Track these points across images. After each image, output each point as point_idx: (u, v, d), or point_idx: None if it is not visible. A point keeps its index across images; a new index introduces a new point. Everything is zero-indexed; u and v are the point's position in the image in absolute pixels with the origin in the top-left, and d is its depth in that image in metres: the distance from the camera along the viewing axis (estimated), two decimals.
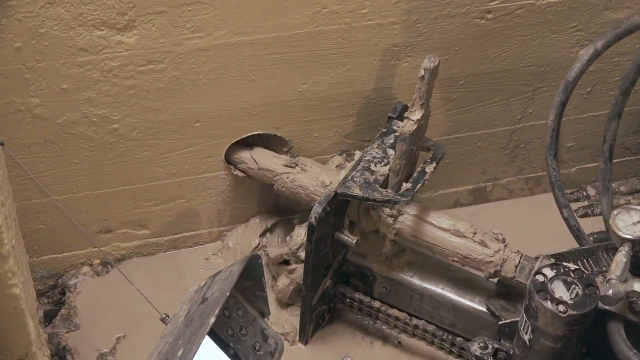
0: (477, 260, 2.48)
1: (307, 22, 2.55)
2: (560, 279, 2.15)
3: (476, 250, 2.48)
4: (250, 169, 2.75)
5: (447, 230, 2.51)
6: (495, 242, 2.49)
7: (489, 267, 2.46)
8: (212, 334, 2.05)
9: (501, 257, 2.45)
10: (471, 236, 2.49)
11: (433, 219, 2.53)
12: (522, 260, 2.45)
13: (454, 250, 2.50)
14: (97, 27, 2.37)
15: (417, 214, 2.53)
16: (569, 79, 2.55)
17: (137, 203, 2.80)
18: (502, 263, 2.45)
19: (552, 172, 2.61)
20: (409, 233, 2.54)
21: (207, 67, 2.55)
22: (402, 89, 2.78)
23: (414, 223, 2.53)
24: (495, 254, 2.46)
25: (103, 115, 2.55)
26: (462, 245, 2.49)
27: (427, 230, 2.52)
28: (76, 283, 2.85)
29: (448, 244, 2.51)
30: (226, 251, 2.96)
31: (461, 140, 3.02)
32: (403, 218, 2.54)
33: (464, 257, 2.49)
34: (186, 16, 2.43)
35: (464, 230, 2.50)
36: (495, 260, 2.45)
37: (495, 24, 2.74)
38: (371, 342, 2.77)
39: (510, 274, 2.44)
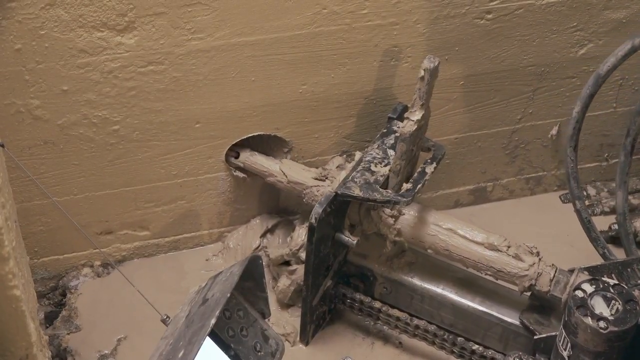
0: (511, 274, 2.44)
1: (307, 23, 2.55)
2: (600, 294, 2.14)
3: (510, 263, 2.44)
4: (279, 182, 2.72)
5: (481, 244, 2.47)
6: (530, 256, 2.45)
7: (524, 281, 2.43)
8: (212, 335, 2.05)
9: (536, 271, 2.42)
10: (505, 249, 2.45)
11: (467, 233, 2.48)
12: (557, 273, 2.41)
13: (488, 264, 2.46)
14: (97, 28, 2.37)
15: (450, 227, 2.50)
16: (600, 73, 2.54)
17: (138, 204, 2.80)
18: (537, 277, 2.41)
19: (569, 163, 2.59)
20: (443, 247, 2.50)
21: (207, 68, 2.55)
22: (402, 89, 2.78)
23: (445, 236, 2.50)
24: (530, 268, 2.42)
25: (103, 117, 2.55)
26: (496, 258, 2.45)
27: (460, 243, 2.48)
28: (77, 284, 2.85)
29: (482, 258, 2.47)
30: (227, 252, 2.96)
31: (461, 140, 3.02)
32: (405, 220, 2.54)
33: (498, 271, 2.46)
34: (186, 17, 2.43)
35: (498, 244, 2.46)
36: (530, 274, 2.42)
37: (495, 24, 2.74)
38: (372, 343, 2.77)
39: (545, 287, 2.41)
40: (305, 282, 2.56)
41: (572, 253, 3.00)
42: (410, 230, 2.54)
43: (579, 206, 2.62)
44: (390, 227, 2.55)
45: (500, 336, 2.60)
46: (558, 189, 3.31)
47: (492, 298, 2.61)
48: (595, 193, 3.29)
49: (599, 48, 2.92)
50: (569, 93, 3.01)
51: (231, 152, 2.77)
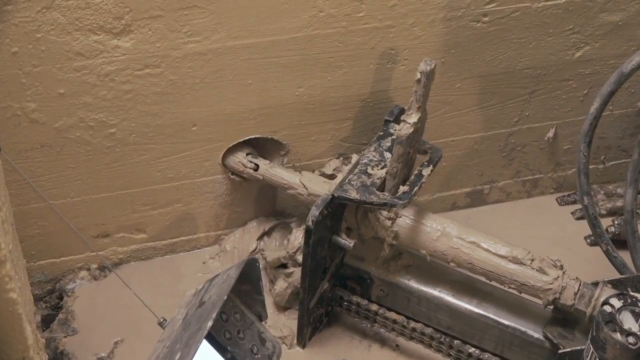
0: (535, 287, 2.41)
1: (303, 26, 2.56)
2: (628, 309, 2.11)
3: (534, 277, 2.41)
4: (299, 194, 2.69)
5: (504, 257, 2.44)
6: (554, 269, 2.43)
7: (548, 295, 2.40)
8: (209, 338, 2.06)
9: (560, 285, 2.39)
10: (529, 263, 2.42)
11: (490, 246, 2.46)
12: (582, 287, 2.40)
13: (512, 277, 2.44)
14: (94, 31, 2.37)
15: (473, 240, 2.47)
16: (624, 71, 2.52)
17: (135, 207, 2.80)
18: (561, 290, 2.39)
19: (582, 159, 2.57)
20: (466, 260, 2.48)
21: (203, 71, 2.55)
22: (399, 92, 2.78)
23: (468, 249, 2.47)
24: (554, 281, 2.40)
25: (100, 120, 2.55)
26: (520, 272, 2.43)
27: (484, 256, 2.46)
28: (74, 287, 2.85)
29: (505, 271, 2.44)
30: (224, 255, 2.96)
31: (458, 143, 3.02)
32: (403, 222, 2.54)
33: (522, 285, 2.43)
34: (182, 20, 2.43)
35: (522, 257, 2.43)
36: (554, 288, 2.40)
37: (491, 27, 2.75)
38: (369, 345, 2.77)
39: (570, 301, 2.39)
40: (302, 284, 2.56)
41: (569, 256, 2.99)
42: (430, 244, 2.52)
43: (586, 202, 2.61)
44: (388, 229, 2.55)
45: (497, 339, 2.60)
46: (555, 191, 3.32)
47: (488, 300, 2.61)
48: (592, 195, 3.29)
49: (596, 51, 2.92)
50: (566, 96, 3.01)
51: (250, 163, 2.75)
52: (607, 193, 3.30)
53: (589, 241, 3.15)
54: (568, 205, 3.29)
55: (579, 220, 3.23)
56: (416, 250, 2.58)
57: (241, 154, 2.77)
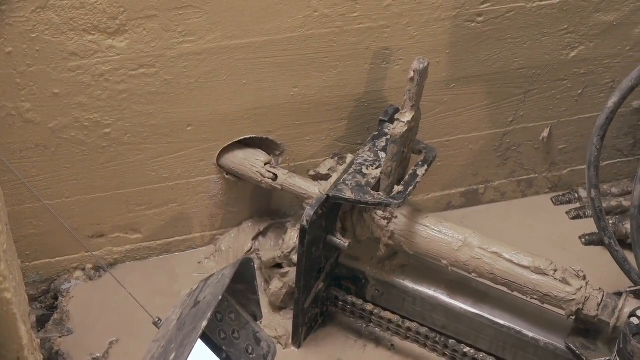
0: (558, 298, 2.41)
1: (298, 26, 2.56)
2: None
3: (557, 288, 2.40)
4: None
5: (527, 268, 2.43)
6: (577, 280, 2.41)
7: (571, 306, 2.39)
8: (204, 338, 2.05)
9: (583, 295, 2.38)
10: (552, 273, 2.41)
11: (512, 256, 2.44)
12: (605, 297, 2.39)
13: (534, 288, 2.42)
14: (88, 31, 2.37)
15: (496, 251, 2.46)
16: None
17: (130, 207, 2.80)
18: (585, 301, 2.38)
19: (594, 152, 2.55)
20: (487, 271, 2.46)
21: (198, 71, 2.55)
22: (394, 92, 2.79)
23: (490, 260, 2.46)
24: (577, 292, 2.39)
25: (95, 120, 2.55)
26: (543, 283, 2.41)
27: (506, 267, 2.44)
28: (69, 288, 2.85)
29: (528, 282, 2.43)
30: (219, 255, 2.96)
31: (453, 143, 3.02)
32: (398, 222, 2.54)
33: (545, 296, 2.42)
34: (177, 20, 2.43)
35: (545, 267, 2.42)
36: (577, 299, 2.39)
37: (486, 27, 2.75)
38: (364, 345, 2.77)
39: (593, 312, 2.38)
40: (297, 284, 2.56)
41: (564, 255, 3.01)
42: (451, 255, 2.51)
43: (593, 195, 2.59)
44: (384, 229, 2.55)
45: (492, 338, 2.61)
46: (550, 191, 3.32)
47: (483, 300, 2.62)
48: (587, 195, 3.29)
49: (590, 50, 2.92)
50: (560, 95, 3.02)
51: (268, 173, 2.73)
52: (602, 193, 3.29)
53: (584, 241, 3.16)
54: (563, 205, 3.29)
55: (574, 219, 3.24)
56: (435, 260, 2.56)
57: (259, 163, 2.74)
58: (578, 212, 3.25)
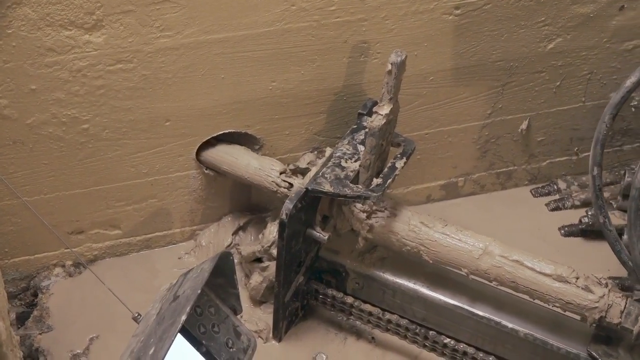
0: (581, 306, 2.39)
1: (275, 20, 2.55)
2: None
3: (580, 295, 2.39)
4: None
5: (549, 276, 2.41)
6: (599, 287, 2.40)
7: (594, 313, 2.39)
8: (184, 332, 2.05)
9: (606, 303, 2.38)
10: (574, 281, 2.40)
11: (534, 264, 2.43)
12: (628, 305, 2.38)
13: (557, 296, 2.41)
14: (65, 27, 2.36)
15: (517, 259, 2.44)
16: None
17: (109, 203, 2.80)
18: (607, 309, 2.38)
19: (603, 129, 2.52)
20: (509, 279, 2.45)
21: (176, 65, 2.55)
22: (372, 85, 2.79)
23: (512, 268, 2.44)
24: (600, 300, 2.38)
25: (73, 116, 2.54)
26: (565, 290, 2.40)
27: (528, 275, 2.43)
28: (48, 284, 2.84)
29: (550, 290, 2.41)
30: (199, 250, 2.96)
31: (432, 135, 3.03)
32: (379, 218, 2.54)
33: (567, 303, 2.41)
34: (154, 15, 2.43)
35: (567, 275, 2.40)
36: (600, 306, 2.38)
37: (463, 20, 2.75)
38: (345, 338, 2.77)
39: (616, 320, 2.38)
40: (277, 278, 2.57)
41: (543, 247, 3.03)
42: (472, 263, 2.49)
43: (595, 172, 2.58)
44: (362, 222, 2.56)
45: (472, 330, 2.62)
46: (529, 183, 3.33)
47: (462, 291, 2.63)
48: (566, 187, 3.31)
49: (568, 42, 2.93)
50: (538, 88, 3.03)
51: (284, 182, 2.70)
52: (581, 184, 3.32)
53: (563, 232, 3.17)
54: (542, 197, 3.31)
55: (553, 211, 3.25)
56: (455, 268, 2.54)
57: (274, 173, 2.70)
58: (557, 203, 3.26)
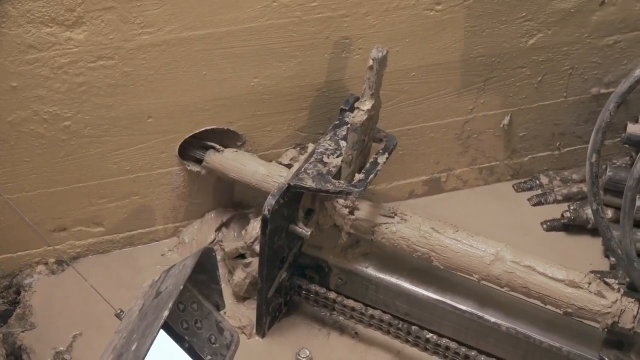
0: (593, 311, 2.39)
1: (257, 16, 2.56)
2: None
3: (592, 301, 2.38)
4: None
5: (561, 281, 2.41)
6: (612, 292, 2.40)
7: (607, 319, 2.38)
8: (166, 328, 2.05)
9: (619, 308, 2.37)
10: (587, 286, 2.39)
11: (546, 270, 2.43)
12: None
13: (569, 301, 2.40)
14: (46, 23, 2.36)
15: (529, 264, 2.44)
16: None
17: (91, 200, 2.79)
18: (620, 314, 2.37)
19: (607, 117, 2.52)
20: (520, 284, 2.44)
21: (157, 62, 2.54)
22: (354, 81, 2.79)
23: (524, 274, 2.43)
24: (612, 305, 2.37)
25: (54, 113, 2.54)
26: (578, 296, 2.39)
27: (540, 281, 2.42)
28: (31, 282, 2.84)
29: (562, 295, 2.41)
30: (182, 247, 2.96)
31: (414, 131, 3.04)
32: (358, 213, 2.55)
33: (579, 309, 2.40)
34: (135, 11, 2.42)
35: (579, 281, 2.40)
36: (613, 311, 2.37)
37: (444, 16, 2.76)
38: (328, 333, 2.78)
39: (629, 324, 2.38)
40: (260, 274, 2.57)
41: (525, 241, 3.04)
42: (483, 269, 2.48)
43: (594, 159, 2.58)
44: (345, 217, 2.56)
45: (455, 324, 2.63)
46: (511, 178, 3.35)
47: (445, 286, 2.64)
48: (548, 182, 3.33)
49: (548, 38, 2.95)
50: (520, 83, 3.04)
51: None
52: (563, 179, 3.33)
53: (545, 227, 3.18)
54: (524, 192, 3.32)
55: (536, 206, 3.26)
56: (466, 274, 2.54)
57: (282, 179, 2.61)
58: (539, 198, 3.27)
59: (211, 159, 2.77)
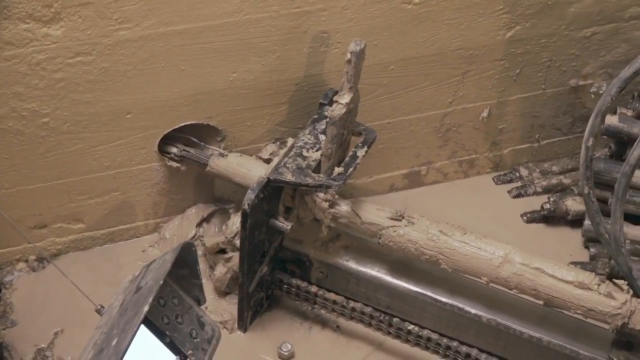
0: (603, 313, 2.39)
1: (235, 11, 2.56)
2: None
3: (602, 302, 2.38)
4: (352, 223, 2.59)
5: (570, 283, 2.40)
6: (621, 293, 2.39)
7: (616, 320, 2.38)
8: (147, 323, 2.04)
9: (628, 309, 2.37)
10: (596, 288, 2.39)
11: (555, 271, 2.42)
12: None
13: (579, 303, 2.40)
14: (23, 20, 2.35)
15: (538, 266, 2.43)
16: None
17: (72, 197, 2.79)
18: (630, 315, 2.37)
19: (607, 101, 2.50)
20: (529, 287, 2.43)
21: (136, 58, 2.54)
22: (333, 75, 2.80)
23: (533, 275, 2.42)
24: (622, 306, 2.37)
25: (33, 109, 2.53)
26: (587, 297, 2.39)
27: (549, 282, 2.42)
28: (12, 280, 2.83)
29: (572, 297, 2.40)
30: (163, 243, 2.96)
31: (394, 125, 3.04)
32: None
33: (589, 310, 2.40)
34: (113, 7, 2.42)
35: (588, 282, 2.39)
36: (622, 312, 2.37)
37: (422, 9, 2.77)
38: (310, 327, 2.78)
39: (639, 325, 2.39)
40: (240, 268, 2.57)
41: (506, 234, 3.05)
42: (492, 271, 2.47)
43: (590, 143, 2.58)
44: (325, 211, 2.57)
45: (436, 316, 2.64)
46: (491, 170, 3.36)
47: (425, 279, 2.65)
48: (528, 174, 3.34)
49: (526, 30, 2.96)
50: (498, 76, 3.05)
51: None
52: (543, 171, 3.35)
53: (526, 219, 3.20)
54: (504, 184, 3.33)
55: (516, 198, 3.28)
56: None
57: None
58: (519, 190, 3.29)
59: (215, 164, 2.74)
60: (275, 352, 2.69)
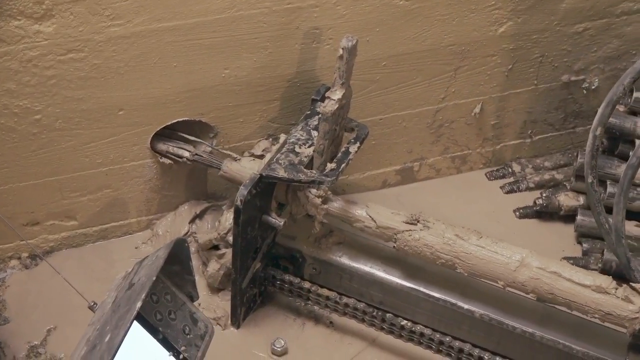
0: (621, 317, 2.37)
1: (226, 7, 2.55)
2: None
3: (620, 306, 2.37)
4: (367, 227, 2.57)
5: (588, 287, 2.39)
6: (639, 297, 2.38)
7: (634, 324, 2.37)
8: (140, 319, 2.05)
9: None
10: (614, 292, 2.38)
11: (572, 275, 2.40)
12: None
13: (596, 307, 2.39)
14: (14, 17, 2.35)
15: (555, 270, 2.42)
16: None
17: (64, 194, 2.78)
18: None
19: (620, 91, 2.49)
20: (547, 290, 2.42)
21: (128, 54, 2.54)
22: (325, 71, 2.80)
23: (550, 279, 2.41)
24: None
25: (24, 106, 2.53)
26: (605, 301, 2.38)
27: (566, 286, 2.40)
28: (4, 277, 2.83)
29: (589, 301, 2.39)
30: (156, 239, 2.96)
31: (386, 121, 3.04)
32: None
33: (607, 314, 2.39)
34: (104, 4, 2.42)
35: (606, 286, 2.38)
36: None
37: (414, 5, 2.77)
38: (303, 323, 2.79)
39: None
40: (233, 265, 2.57)
41: (498, 229, 3.06)
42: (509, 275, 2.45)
43: (598, 132, 2.57)
44: (318, 207, 2.57)
45: (429, 312, 2.64)
46: (484, 166, 3.36)
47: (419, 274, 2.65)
48: (520, 169, 3.34)
49: (518, 26, 2.96)
50: (490, 71, 3.05)
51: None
52: (535, 167, 3.35)
53: (518, 214, 3.20)
54: (497, 180, 3.34)
55: (508, 194, 3.28)
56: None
57: None
58: (512, 186, 3.29)
59: (229, 168, 2.71)
60: (269, 348, 2.69)
